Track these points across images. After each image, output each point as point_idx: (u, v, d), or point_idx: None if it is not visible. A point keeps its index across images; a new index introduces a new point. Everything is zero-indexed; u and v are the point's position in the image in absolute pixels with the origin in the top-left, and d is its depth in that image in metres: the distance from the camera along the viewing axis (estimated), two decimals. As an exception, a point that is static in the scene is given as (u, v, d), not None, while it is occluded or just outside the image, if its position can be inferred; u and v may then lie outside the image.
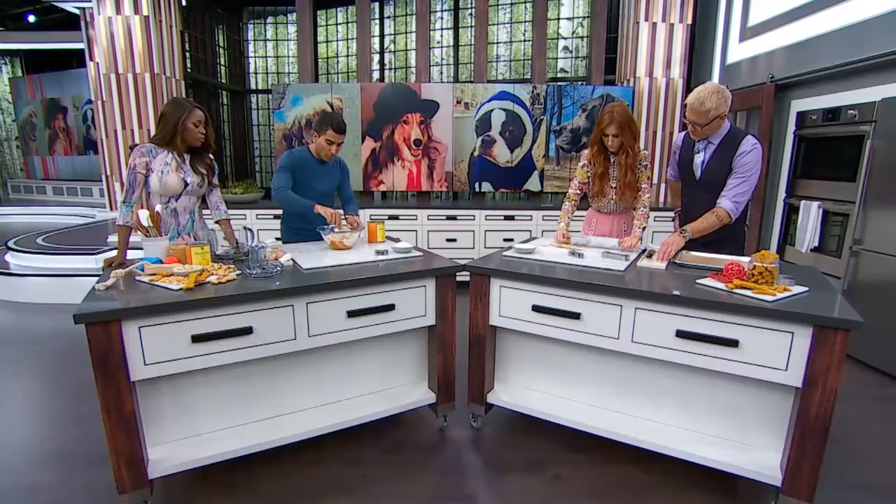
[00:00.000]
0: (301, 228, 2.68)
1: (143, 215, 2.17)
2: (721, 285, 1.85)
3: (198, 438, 1.94)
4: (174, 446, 1.88)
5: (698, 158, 2.39)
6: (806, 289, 1.84)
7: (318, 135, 2.59)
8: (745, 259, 2.15)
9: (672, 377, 2.01)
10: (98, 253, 4.72)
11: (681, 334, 1.81)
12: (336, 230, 2.48)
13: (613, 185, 2.69)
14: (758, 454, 1.86)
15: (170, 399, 1.88)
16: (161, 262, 2.03)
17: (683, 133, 2.49)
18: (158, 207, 2.31)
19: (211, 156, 2.48)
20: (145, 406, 1.81)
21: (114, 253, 2.25)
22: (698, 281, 1.92)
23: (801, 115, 3.79)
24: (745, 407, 1.90)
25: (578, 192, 2.76)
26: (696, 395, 1.99)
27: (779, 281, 1.84)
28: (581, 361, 2.20)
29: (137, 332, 1.64)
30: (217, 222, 2.60)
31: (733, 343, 1.72)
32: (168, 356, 1.71)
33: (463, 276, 2.21)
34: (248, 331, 1.81)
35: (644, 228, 2.64)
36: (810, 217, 3.54)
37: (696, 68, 5.26)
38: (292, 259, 2.21)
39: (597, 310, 1.96)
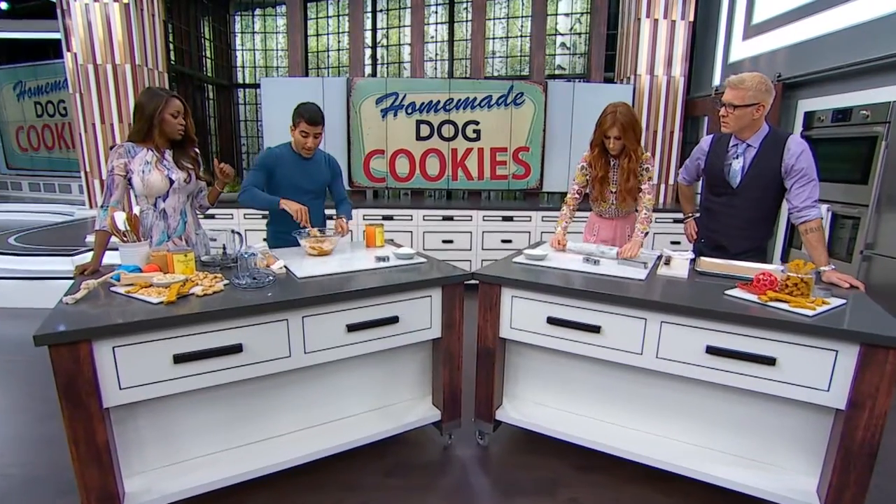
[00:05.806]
0: (285, 232, 2.40)
1: (120, 218, 1.97)
2: (753, 297, 1.71)
3: (181, 466, 1.75)
4: (154, 476, 1.69)
5: (737, 164, 2.18)
6: (843, 301, 1.71)
7: (293, 128, 2.40)
8: (772, 267, 2.02)
9: (695, 394, 1.87)
10: (76, 254, 4.46)
11: (711, 350, 1.67)
12: (309, 232, 2.30)
13: (613, 190, 2.52)
14: (791, 478, 1.74)
15: (149, 423, 1.68)
16: (140, 270, 1.84)
17: (711, 137, 2.31)
18: (137, 210, 2.11)
19: (196, 150, 2.28)
20: (121, 433, 1.62)
21: (89, 257, 2.05)
22: (727, 292, 1.78)
23: (809, 116, 3.70)
24: (775, 427, 1.77)
25: (577, 196, 2.58)
26: (721, 412, 1.85)
27: (814, 293, 1.72)
28: (597, 376, 2.06)
29: (111, 352, 1.45)
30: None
31: (770, 361, 1.59)
32: (146, 379, 1.52)
33: (467, 282, 2.05)
34: (237, 349, 1.63)
35: (646, 234, 2.42)
36: (819, 220, 3.45)
37: (697, 66, 5.15)
38: (285, 266, 2.03)
39: (618, 323, 1.82)
